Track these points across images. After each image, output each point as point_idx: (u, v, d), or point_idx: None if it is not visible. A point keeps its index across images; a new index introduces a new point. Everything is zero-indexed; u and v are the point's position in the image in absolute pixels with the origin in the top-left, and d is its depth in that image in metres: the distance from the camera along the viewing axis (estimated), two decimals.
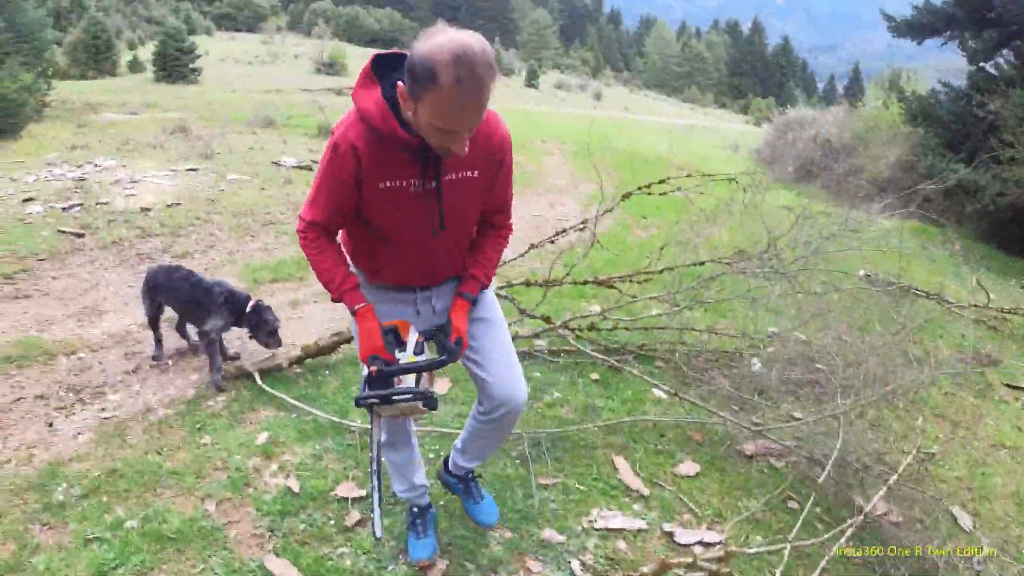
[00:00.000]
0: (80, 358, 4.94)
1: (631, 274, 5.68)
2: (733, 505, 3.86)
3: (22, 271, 6.43)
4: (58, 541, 3.19)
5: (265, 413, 4.26)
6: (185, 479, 3.62)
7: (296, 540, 3.26)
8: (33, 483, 3.57)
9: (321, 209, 2.52)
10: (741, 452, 4.37)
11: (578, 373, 5.13)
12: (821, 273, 5.62)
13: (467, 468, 3.29)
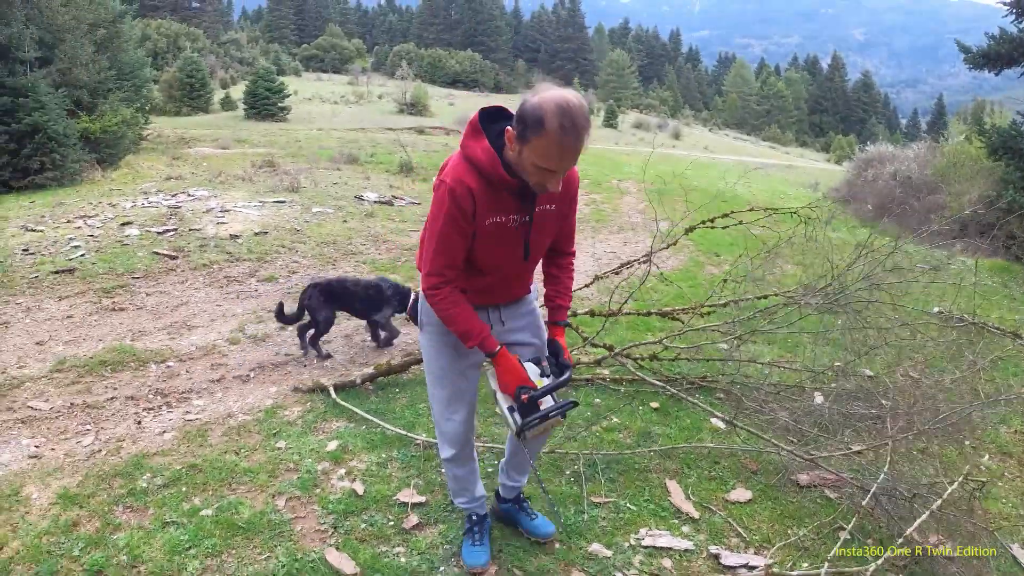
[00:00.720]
0: (169, 366, 5.28)
1: (694, 306, 5.79)
2: (783, 532, 3.87)
3: (119, 287, 6.86)
4: (138, 522, 3.47)
5: (337, 424, 4.50)
6: (258, 477, 3.87)
7: (356, 537, 3.45)
8: (120, 471, 3.87)
9: (446, 257, 2.73)
10: (795, 482, 4.38)
11: (639, 402, 5.23)
12: (888, 308, 5.58)
13: (515, 487, 3.56)
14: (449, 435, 3.13)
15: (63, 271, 7.13)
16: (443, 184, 2.60)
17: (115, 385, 4.91)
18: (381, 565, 3.27)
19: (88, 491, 3.67)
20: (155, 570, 3.14)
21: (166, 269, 7.49)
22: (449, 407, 3.10)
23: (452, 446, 3.16)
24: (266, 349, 5.73)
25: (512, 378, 2.83)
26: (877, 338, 5.26)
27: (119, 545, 3.28)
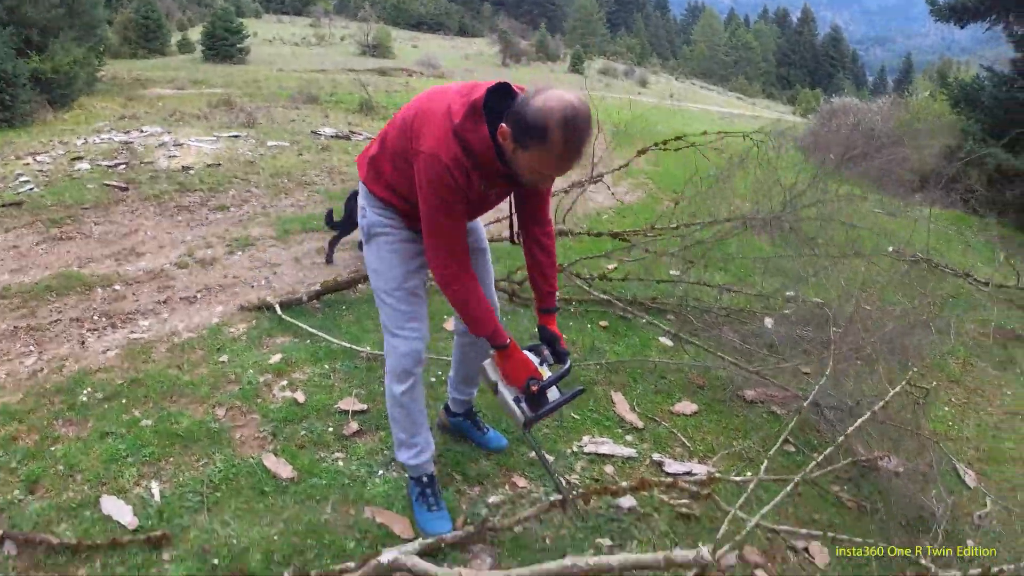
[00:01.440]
0: (115, 290, 5.22)
1: (646, 229, 5.80)
2: (728, 444, 3.94)
3: (67, 218, 6.74)
4: (77, 435, 3.45)
5: (281, 339, 4.48)
6: (200, 389, 3.85)
7: (295, 444, 3.46)
8: (61, 388, 3.83)
9: (454, 240, 2.60)
10: (742, 397, 4.44)
11: (587, 320, 5.28)
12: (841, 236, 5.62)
13: (466, 400, 3.51)
14: (405, 354, 2.84)
15: (10, 204, 6.97)
16: (438, 161, 2.38)
17: (60, 309, 4.85)
18: (319, 470, 3.28)
19: (28, 407, 3.63)
20: (91, 478, 3.12)
21: (116, 200, 7.36)
22: (409, 322, 2.84)
23: (406, 369, 2.86)
24: (214, 272, 5.68)
25: (522, 371, 2.76)
26: (829, 267, 5.30)
27: (56, 456, 3.26)
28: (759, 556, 3.12)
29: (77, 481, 3.12)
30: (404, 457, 3.06)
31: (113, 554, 2.75)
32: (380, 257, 2.85)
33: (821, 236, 5.58)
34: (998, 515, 3.87)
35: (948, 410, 5.00)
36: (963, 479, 4.14)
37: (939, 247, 8.31)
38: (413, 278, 2.87)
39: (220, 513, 2.99)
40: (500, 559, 2.90)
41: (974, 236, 10.71)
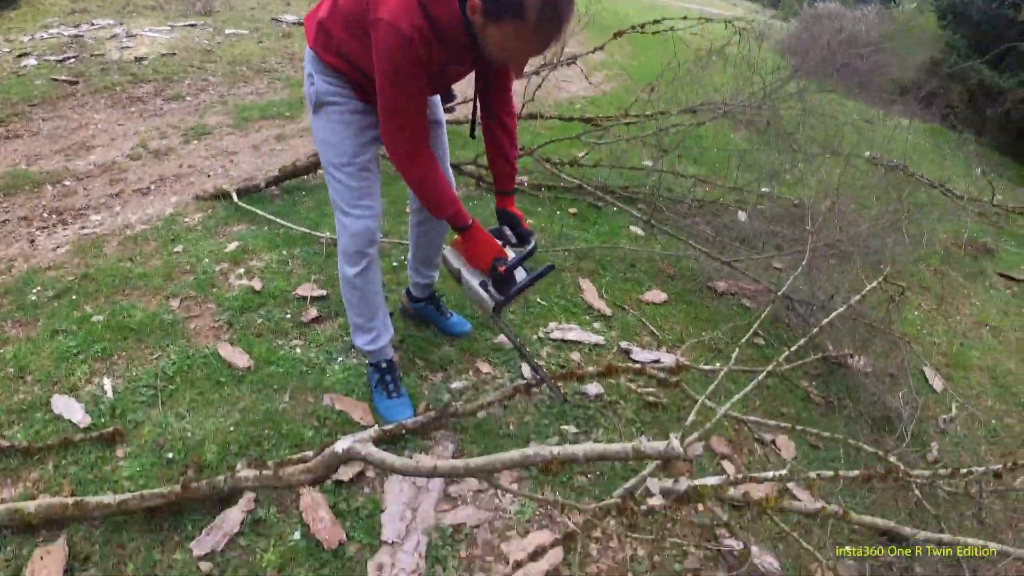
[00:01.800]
0: (65, 186, 4.99)
1: (619, 115, 5.58)
2: (697, 334, 3.87)
3: (14, 116, 6.43)
4: (27, 335, 3.30)
5: (238, 227, 4.29)
6: (153, 281, 3.69)
7: (252, 332, 3.33)
8: (10, 288, 3.65)
9: (412, 118, 2.36)
10: (713, 288, 4.38)
11: (556, 207, 5.12)
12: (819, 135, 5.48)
13: (427, 284, 3.35)
14: (356, 233, 2.66)
15: None
16: (399, 32, 2.12)
17: (7, 209, 4.63)
18: (276, 358, 3.16)
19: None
20: (42, 378, 3.00)
21: (65, 95, 7.02)
22: (361, 199, 2.65)
23: (359, 250, 2.70)
24: (169, 162, 5.44)
25: (487, 251, 2.58)
26: (806, 165, 5.18)
27: (6, 358, 3.12)
28: (726, 447, 3.08)
29: (27, 382, 2.99)
30: (361, 342, 2.93)
31: (65, 454, 2.65)
32: (330, 128, 2.62)
33: (799, 133, 5.42)
34: (963, 421, 3.89)
35: (918, 315, 5.03)
36: (930, 383, 4.16)
37: (915, 158, 8.18)
38: (365, 152, 2.65)
39: (174, 406, 2.88)
40: (463, 445, 2.83)
41: (951, 151, 10.59)
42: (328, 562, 2.36)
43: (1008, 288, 6.02)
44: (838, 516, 2.10)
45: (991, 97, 13.48)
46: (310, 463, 2.26)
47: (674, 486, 2.09)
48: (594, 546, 2.55)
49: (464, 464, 1.93)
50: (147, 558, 2.33)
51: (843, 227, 4.31)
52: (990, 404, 4.20)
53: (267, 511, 2.50)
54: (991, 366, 4.61)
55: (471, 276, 2.67)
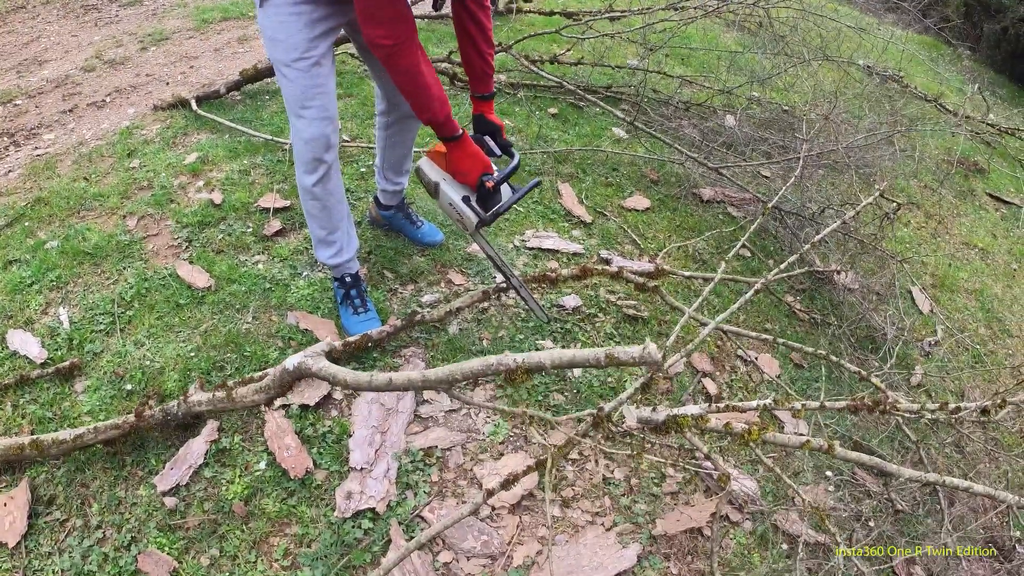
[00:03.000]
0: (16, 105, 4.76)
1: (604, 9, 5.29)
2: (680, 243, 3.71)
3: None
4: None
5: (198, 137, 4.07)
6: (109, 200, 3.50)
7: (212, 249, 3.17)
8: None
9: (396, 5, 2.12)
10: (698, 196, 4.19)
11: (535, 107, 4.87)
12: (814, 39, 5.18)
13: (397, 191, 3.16)
14: (311, 139, 2.45)
15: None
16: None
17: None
18: (239, 275, 3.01)
19: None
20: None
21: (15, 7, 6.69)
22: (314, 99, 2.42)
23: (315, 157, 2.50)
24: (125, 72, 5.18)
25: (475, 164, 2.40)
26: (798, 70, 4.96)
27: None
28: (708, 364, 2.96)
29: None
30: (324, 256, 2.77)
31: (23, 392, 2.55)
32: (277, 23, 2.35)
33: (792, 37, 5.12)
34: (947, 344, 3.79)
35: (907, 232, 4.83)
36: (917, 304, 4.04)
37: (909, 70, 7.85)
38: (317, 46, 2.39)
39: (133, 333, 2.75)
40: (433, 362, 2.69)
41: (945, 65, 10.17)
42: (295, 491, 2.27)
43: (997, 210, 5.85)
44: (822, 450, 1.99)
45: (989, 13, 12.90)
46: (262, 382, 2.12)
47: (652, 415, 1.95)
48: (570, 468, 2.46)
49: (421, 376, 1.79)
50: (111, 496, 2.25)
51: (836, 137, 4.12)
52: (975, 329, 4.08)
53: (231, 440, 2.39)
54: (978, 290, 4.48)
55: (452, 190, 2.49)
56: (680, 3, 5.07)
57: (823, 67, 5.27)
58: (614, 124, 4.79)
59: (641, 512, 2.36)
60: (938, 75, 9.28)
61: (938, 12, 12.50)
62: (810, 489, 2.59)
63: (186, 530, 2.18)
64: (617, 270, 2.86)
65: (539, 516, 2.30)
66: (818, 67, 5.11)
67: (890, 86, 6.13)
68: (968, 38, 12.78)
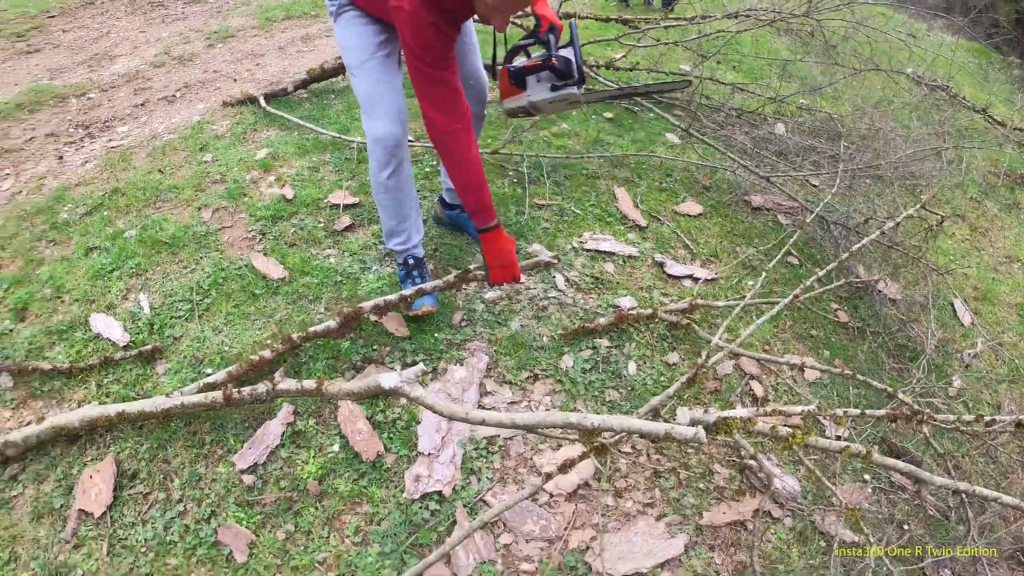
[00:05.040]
0: (90, 98, 4.95)
1: (659, 18, 5.38)
2: (731, 250, 3.80)
3: (33, 29, 6.37)
4: (61, 254, 3.31)
5: (267, 133, 4.23)
6: (183, 192, 3.67)
7: (285, 242, 3.32)
8: (41, 208, 3.65)
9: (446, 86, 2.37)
10: (748, 202, 4.26)
11: (592, 110, 4.97)
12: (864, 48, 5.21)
13: None
14: (381, 137, 2.63)
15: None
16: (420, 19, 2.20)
17: (34, 126, 4.61)
18: (311, 267, 3.16)
19: (9, 233, 3.47)
20: (79, 297, 3.02)
21: (84, 3, 6.92)
22: (384, 97, 2.62)
23: (386, 151, 2.66)
24: (193, 68, 5.36)
25: (507, 271, 2.65)
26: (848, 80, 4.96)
27: (43, 279, 3.14)
28: (756, 367, 3.05)
29: (65, 302, 3.02)
30: (392, 243, 2.96)
31: (107, 373, 2.70)
32: (350, 32, 2.60)
33: (843, 46, 5.18)
34: (986, 357, 3.82)
35: (951, 244, 4.85)
36: (959, 316, 4.06)
37: (958, 79, 7.80)
38: (385, 48, 2.61)
39: (211, 320, 2.91)
40: (496, 357, 2.83)
41: (995, 73, 10.06)
42: (366, 473, 2.41)
43: None
44: (861, 456, 2.09)
45: None
46: (353, 385, 2.24)
47: (704, 416, 2.07)
48: (623, 461, 2.56)
49: (511, 419, 1.91)
50: (192, 472, 2.40)
51: (882, 148, 4.18)
52: (1014, 342, 4.11)
53: (306, 423, 2.54)
54: (1020, 303, 4.49)
55: None
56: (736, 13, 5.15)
57: (872, 76, 5.31)
58: (668, 129, 4.88)
59: (689, 505, 2.47)
60: (987, 85, 9.23)
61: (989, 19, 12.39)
62: (848, 490, 2.67)
63: (263, 506, 2.32)
64: (652, 312, 2.97)
65: (594, 504, 2.41)
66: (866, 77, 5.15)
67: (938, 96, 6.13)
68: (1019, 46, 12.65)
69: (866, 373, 3.14)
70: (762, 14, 5.07)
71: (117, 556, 2.20)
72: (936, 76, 6.32)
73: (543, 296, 3.13)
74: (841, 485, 2.67)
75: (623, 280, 3.33)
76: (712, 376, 2.92)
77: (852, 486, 2.69)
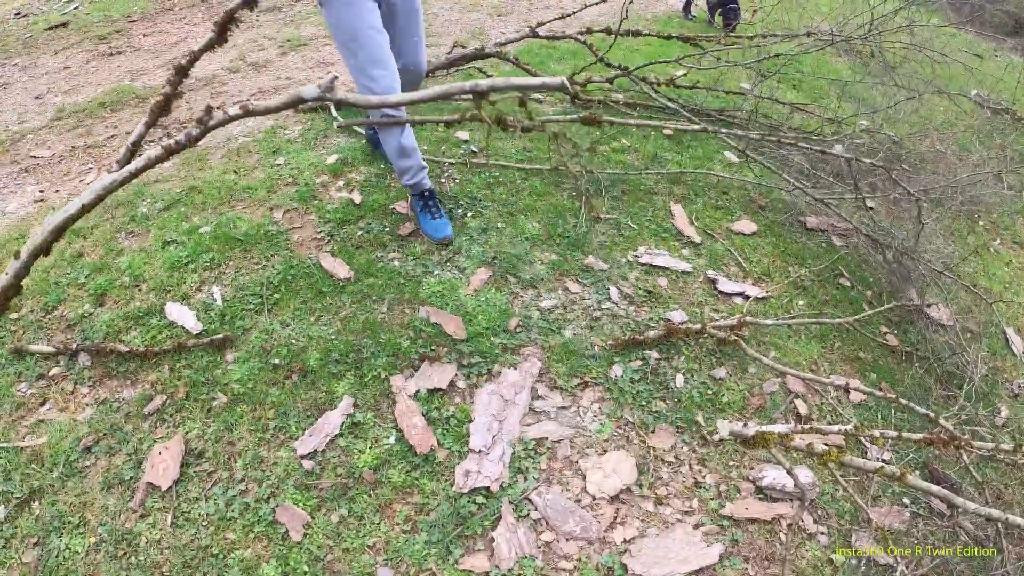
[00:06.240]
0: None
1: (720, 35, 5.45)
2: (784, 269, 3.84)
3: (115, 32, 6.65)
4: (139, 245, 3.50)
5: (337, 140, 4.40)
6: (257, 193, 3.85)
7: (352, 244, 3.47)
8: (122, 201, 3.86)
9: None
10: (803, 223, 4.30)
11: (651, 128, 5.01)
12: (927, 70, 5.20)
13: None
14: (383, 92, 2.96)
15: (57, 26, 6.88)
16: None
17: (115, 124, 4.85)
18: (376, 269, 3.29)
19: (91, 223, 3.68)
20: (155, 287, 3.20)
21: (163, 9, 7.22)
22: (379, 59, 3.00)
23: None
24: (267, 75, 5.58)
25: None
26: (908, 101, 4.95)
27: (121, 268, 3.33)
28: (801, 386, 3.09)
29: (142, 291, 3.20)
30: (406, 180, 3.48)
31: (180, 358, 2.87)
32: (338, 14, 2.94)
33: (903, 68, 5.19)
34: None
35: (1007, 272, 4.79)
36: (1011, 344, 4.02)
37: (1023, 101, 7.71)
38: (373, 17, 2.97)
39: (279, 314, 3.06)
40: (548, 364, 2.94)
41: None
42: (419, 465, 2.53)
43: None
44: (895, 477, 2.15)
45: None
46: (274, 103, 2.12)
47: (743, 429, 2.15)
48: (666, 470, 2.65)
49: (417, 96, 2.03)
50: (255, 455, 2.55)
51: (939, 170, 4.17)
52: None
53: (364, 415, 2.67)
54: None
55: None
56: (795, 33, 5.20)
57: (934, 99, 5.29)
58: (726, 148, 4.94)
59: (727, 516, 2.54)
60: None
61: None
62: (885, 511, 2.72)
63: (320, 490, 2.46)
64: (701, 327, 3.05)
65: (634, 509, 2.50)
66: (928, 99, 5.14)
67: (1002, 118, 6.04)
68: None
69: (912, 398, 3.18)
70: (823, 36, 5.11)
71: (180, 527, 2.35)
72: (1001, 99, 6.26)
73: (597, 307, 3.23)
74: (880, 507, 2.72)
75: (675, 295, 3.41)
76: (757, 392, 2.99)
77: (889, 508, 2.73)
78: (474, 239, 3.53)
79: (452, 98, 2.08)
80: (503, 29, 6.76)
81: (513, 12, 7.47)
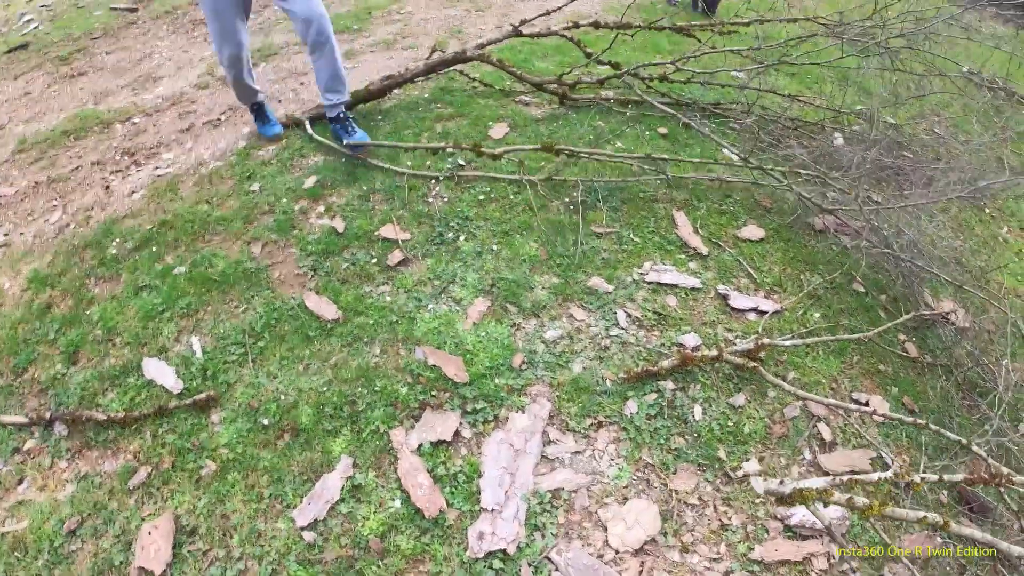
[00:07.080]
0: (135, 123, 4.94)
1: (713, 24, 5.22)
2: (795, 277, 3.63)
3: (77, 52, 6.40)
4: (111, 292, 3.30)
5: (315, 159, 4.16)
6: (232, 224, 3.63)
7: (337, 279, 3.27)
8: (90, 242, 3.65)
9: None
10: (811, 225, 4.08)
11: (645, 126, 4.80)
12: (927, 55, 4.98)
13: (337, 104, 4.07)
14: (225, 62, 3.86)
15: (16, 49, 6.60)
16: None
17: (80, 153, 4.60)
18: (365, 306, 3.10)
19: (59, 269, 3.49)
20: (130, 340, 3.02)
21: (125, 24, 6.94)
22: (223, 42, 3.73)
23: (229, 70, 3.92)
24: None
25: None
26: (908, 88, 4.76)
27: (93, 320, 3.15)
28: (823, 409, 2.90)
29: (117, 345, 3.01)
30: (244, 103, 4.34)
31: (162, 422, 2.70)
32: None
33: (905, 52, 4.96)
34: None
35: (1018, 263, 4.58)
36: None
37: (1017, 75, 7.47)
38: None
39: (265, 364, 2.87)
40: (558, 404, 2.75)
41: None
42: (428, 530, 2.34)
43: None
44: (939, 526, 2.00)
45: None
46: None
47: (779, 487, 1.98)
48: (690, 513, 2.47)
49: None
50: (251, 528, 2.36)
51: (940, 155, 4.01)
52: None
53: (365, 476, 2.48)
54: None
55: None
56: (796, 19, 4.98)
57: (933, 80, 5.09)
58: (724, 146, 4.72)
59: (756, 559, 2.36)
60: None
61: None
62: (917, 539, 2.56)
63: (324, 564, 2.26)
64: (717, 354, 2.86)
65: (660, 560, 2.33)
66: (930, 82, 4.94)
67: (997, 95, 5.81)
68: None
69: (936, 411, 3.02)
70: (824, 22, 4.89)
71: None
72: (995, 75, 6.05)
73: (605, 334, 3.03)
74: (910, 535, 2.56)
75: (686, 315, 3.21)
76: (779, 419, 2.81)
77: (921, 535, 2.57)
78: (468, 265, 3.32)
79: None
80: (482, 26, 6.52)
81: (491, 7, 7.21)
